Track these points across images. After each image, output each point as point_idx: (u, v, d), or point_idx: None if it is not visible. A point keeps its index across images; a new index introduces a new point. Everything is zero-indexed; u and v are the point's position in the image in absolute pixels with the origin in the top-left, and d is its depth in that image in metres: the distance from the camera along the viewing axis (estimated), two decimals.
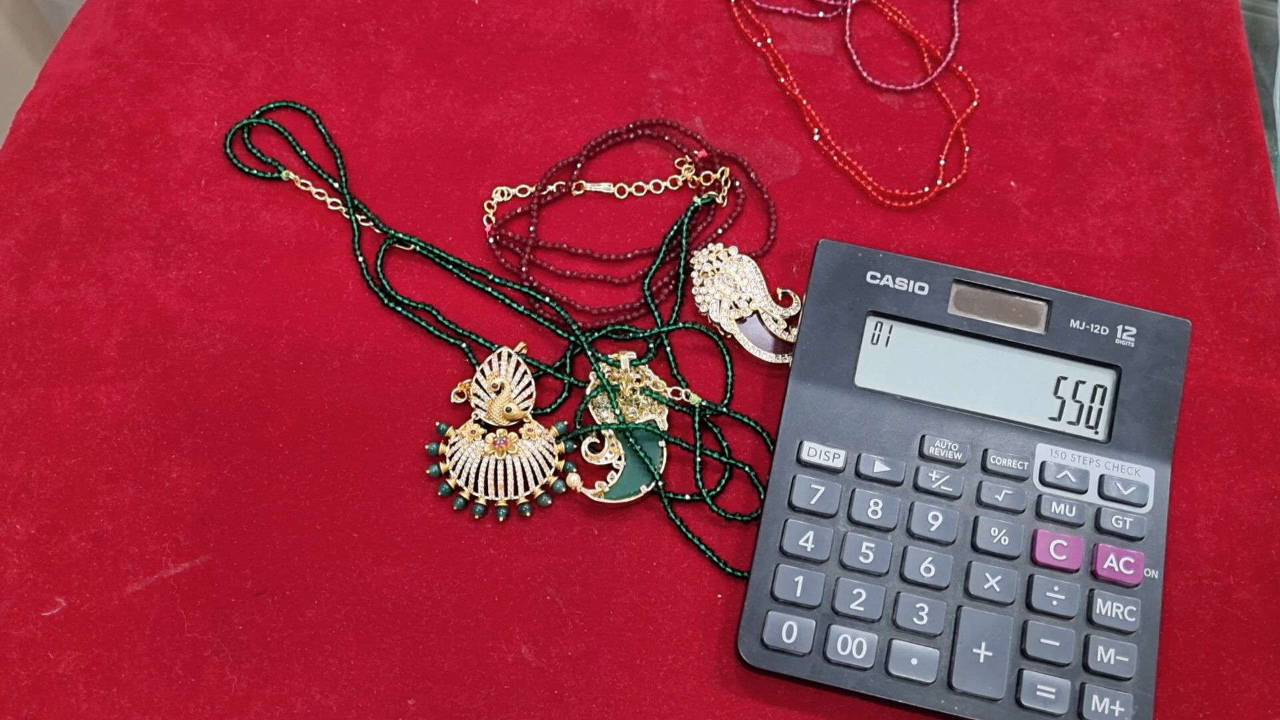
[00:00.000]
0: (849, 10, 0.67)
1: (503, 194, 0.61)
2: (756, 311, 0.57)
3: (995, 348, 0.54)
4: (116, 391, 0.56)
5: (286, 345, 0.57)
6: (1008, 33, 0.67)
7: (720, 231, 0.60)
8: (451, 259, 0.59)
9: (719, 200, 0.61)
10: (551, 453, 0.54)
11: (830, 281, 0.55)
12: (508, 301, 0.58)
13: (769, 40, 0.66)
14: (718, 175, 0.61)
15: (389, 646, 0.51)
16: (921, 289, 0.54)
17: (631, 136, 0.63)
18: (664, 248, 0.59)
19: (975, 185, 0.62)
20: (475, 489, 0.53)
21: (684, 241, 0.59)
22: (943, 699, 0.48)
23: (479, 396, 0.55)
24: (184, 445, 0.54)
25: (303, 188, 0.61)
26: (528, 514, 0.53)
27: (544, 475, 0.54)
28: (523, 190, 0.61)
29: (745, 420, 0.55)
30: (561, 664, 0.50)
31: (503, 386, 0.55)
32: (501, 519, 0.53)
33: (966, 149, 0.63)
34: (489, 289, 0.59)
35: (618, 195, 0.62)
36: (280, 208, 0.61)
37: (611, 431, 0.54)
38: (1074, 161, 0.63)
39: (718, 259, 0.58)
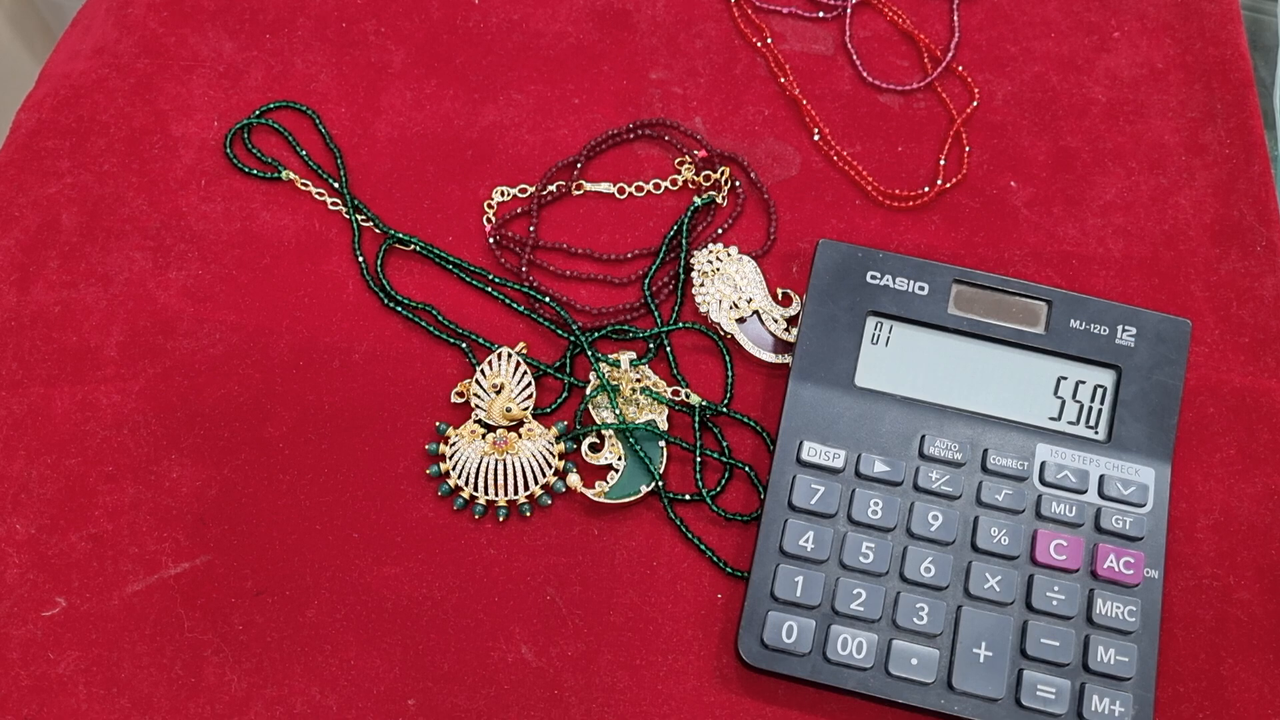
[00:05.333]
0: (849, 10, 0.67)
1: (503, 194, 0.61)
2: (756, 311, 0.57)
3: (995, 348, 0.54)
4: (116, 391, 0.56)
5: (286, 345, 0.57)
6: (1008, 33, 0.67)
7: (720, 231, 0.60)
8: (451, 259, 0.59)
9: (719, 200, 0.61)
10: (551, 453, 0.54)
11: (830, 281, 0.55)
12: (508, 301, 0.58)
13: (769, 40, 0.66)
14: (718, 175, 0.61)
15: (389, 646, 0.51)
16: (921, 289, 0.54)
17: (631, 136, 0.63)
18: (664, 248, 0.59)
19: (975, 185, 0.62)
20: (475, 489, 0.53)
21: (684, 241, 0.59)
22: (943, 699, 0.48)
23: (479, 396, 0.55)
24: (184, 445, 0.54)
25: (303, 188, 0.61)
26: (528, 514, 0.53)
27: (544, 475, 0.54)
28: (523, 190, 0.61)
29: (745, 420, 0.55)
30: (561, 664, 0.50)
31: (503, 386, 0.55)
32: (501, 519, 0.53)
33: (966, 149, 0.63)
34: (489, 289, 0.59)
35: (618, 195, 0.62)
36: (280, 208, 0.61)
37: (611, 431, 0.54)
38: (1074, 161, 0.63)
39: (718, 259, 0.58)
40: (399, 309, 0.58)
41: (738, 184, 0.61)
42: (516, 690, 0.50)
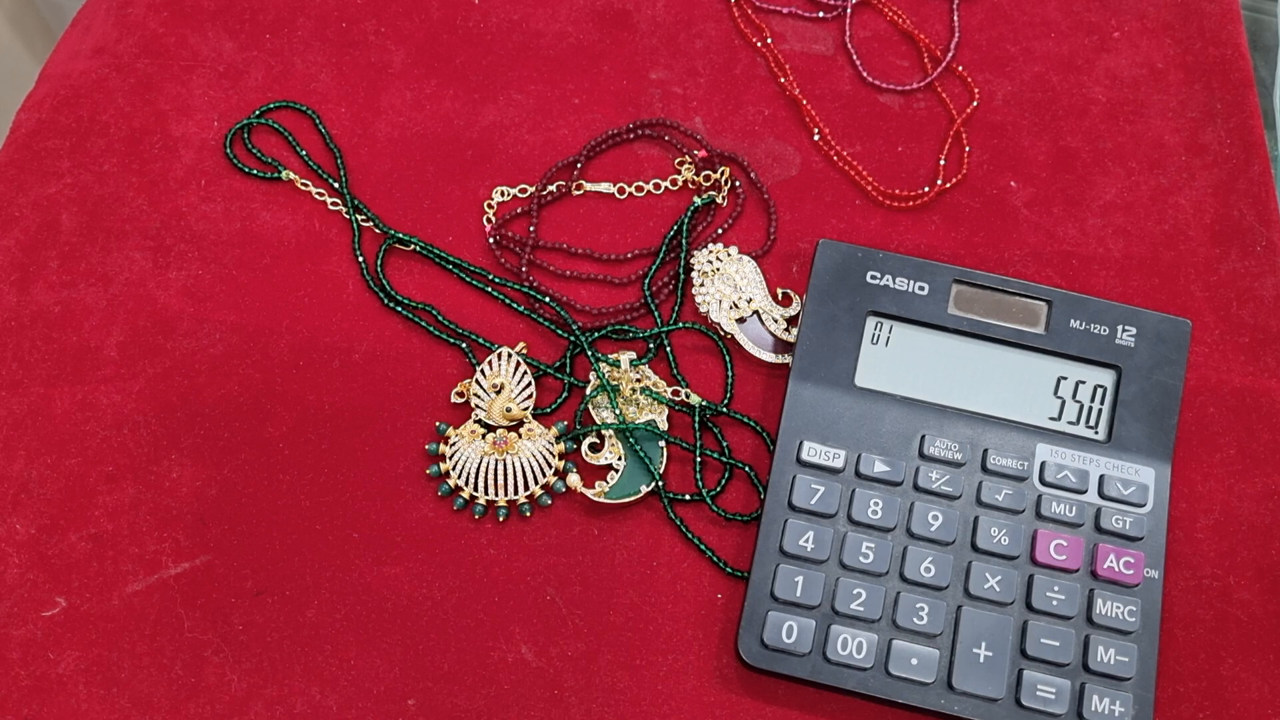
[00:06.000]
0: (849, 10, 0.67)
1: (503, 194, 0.61)
2: (756, 311, 0.57)
3: (995, 348, 0.54)
4: (116, 391, 0.56)
5: (286, 345, 0.57)
6: (1008, 33, 0.67)
7: (720, 231, 0.60)
8: (451, 259, 0.59)
9: (719, 200, 0.61)
10: (551, 453, 0.54)
11: (830, 281, 0.55)
12: (508, 301, 0.58)
13: (769, 40, 0.66)
14: (718, 175, 0.61)
15: (389, 646, 0.51)
16: (921, 289, 0.54)
17: (631, 136, 0.63)
18: (664, 248, 0.59)
19: (975, 185, 0.62)
20: (475, 489, 0.53)
21: (684, 241, 0.59)
22: (943, 699, 0.48)
23: (479, 396, 0.55)
24: (184, 445, 0.54)
25: (303, 188, 0.61)
26: (528, 514, 0.53)
27: (544, 475, 0.54)
28: (523, 190, 0.61)
29: (745, 420, 0.55)
30: (561, 664, 0.50)
31: (503, 386, 0.55)
32: (501, 519, 0.53)
33: (966, 149, 0.63)
34: (489, 289, 0.59)
35: (618, 195, 0.62)
36: (280, 208, 0.61)
37: (611, 431, 0.54)
38: (1074, 161, 0.63)
39: (718, 259, 0.58)
40: (399, 309, 0.58)
41: (738, 184, 0.61)
42: (516, 690, 0.50)
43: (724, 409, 0.55)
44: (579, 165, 0.62)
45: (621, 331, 0.57)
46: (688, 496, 0.54)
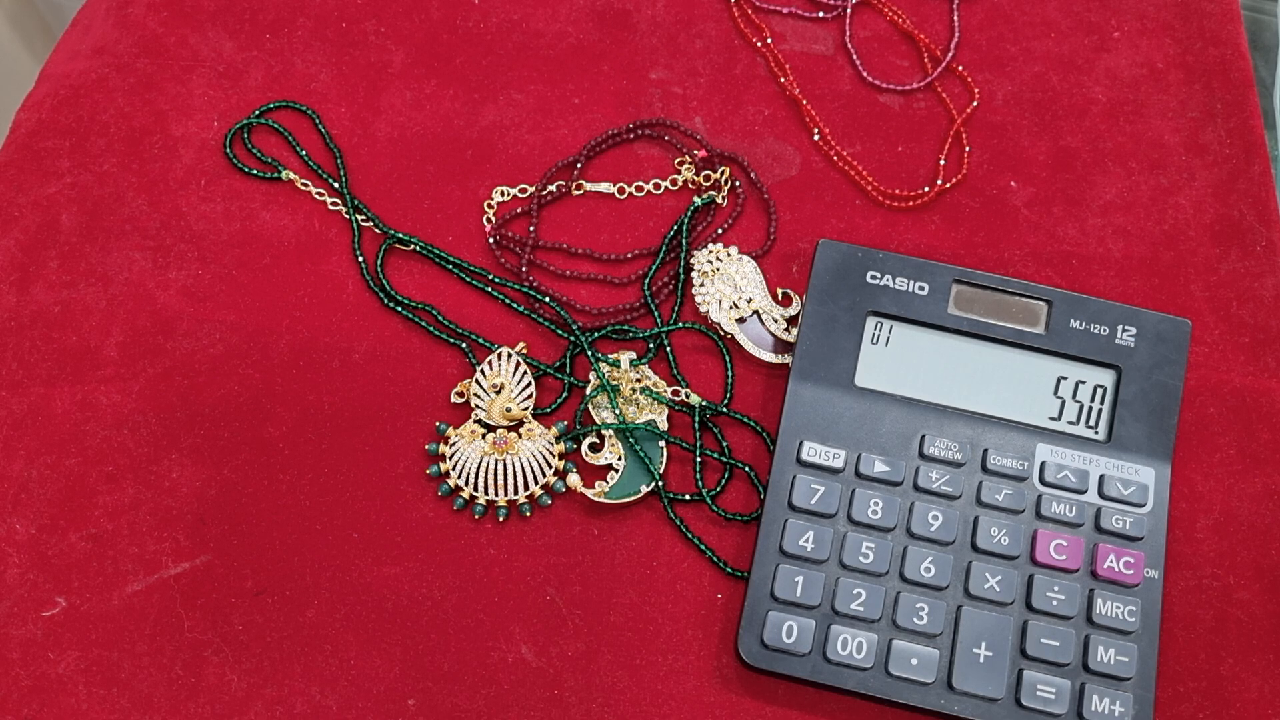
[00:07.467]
0: (849, 10, 0.67)
1: (503, 194, 0.61)
2: (756, 311, 0.57)
3: (995, 348, 0.54)
4: (116, 391, 0.56)
5: (286, 345, 0.57)
6: (1008, 33, 0.67)
7: (720, 231, 0.60)
8: (451, 259, 0.59)
9: (719, 200, 0.61)
10: (551, 453, 0.54)
11: (830, 281, 0.55)
12: (508, 301, 0.58)
13: (769, 40, 0.66)
14: (718, 175, 0.61)
15: (389, 646, 0.51)
16: (921, 289, 0.54)
17: (631, 136, 0.63)
18: (664, 248, 0.59)
19: (975, 185, 0.62)
20: (475, 489, 0.53)
21: (684, 241, 0.59)
22: (943, 699, 0.48)
23: (479, 396, 0.55)
24: (184, 445, 0.54)
25: (303, 188, 0.61)
26: (528, 514, 0.53)
27: (544, 475, 0.54)
28: (523, 190, 0.61)
29: (745, 420, 0.55)
30: (561, 664, 0.50)
31: (503, 386, 0.55)
32: (501, 519, 0.53)
33: (966, 149, 0.63)
34: (489, 289, 0.59)
35: (618, 195, 0.62)
36: (280, 208, 0.61)
37: (611, 431, 0.54)
38: (1074, 161, 0.63)
39: (718, 259, 0.58)
40: (399, 309, 0.58)
41: (738, 184, 0.61)
42: (516, 690, 0.50)
43: (724, 409, 0.55)
44: (579, 165, 0.62)
45: (621, 331, 0.57)
46: (688, 496, 0.54)
